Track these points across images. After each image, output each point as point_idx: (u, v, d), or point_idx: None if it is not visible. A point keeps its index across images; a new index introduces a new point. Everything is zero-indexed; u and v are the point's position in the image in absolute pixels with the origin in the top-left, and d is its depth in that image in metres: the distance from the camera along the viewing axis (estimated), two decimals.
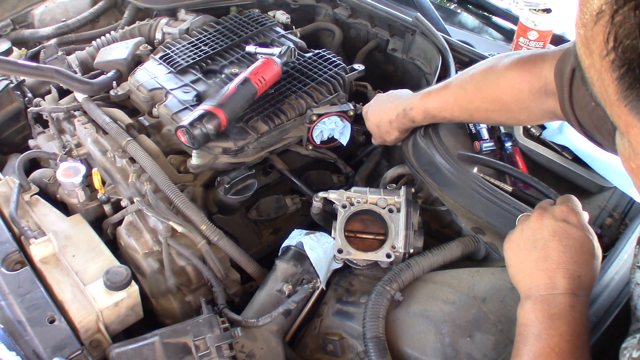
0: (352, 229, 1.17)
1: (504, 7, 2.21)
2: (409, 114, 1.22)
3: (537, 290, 0.86)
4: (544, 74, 0.96)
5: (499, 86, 1.06)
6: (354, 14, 1.84)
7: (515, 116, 1.13)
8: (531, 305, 0.85)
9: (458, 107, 1.15)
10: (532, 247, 0.90)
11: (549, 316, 0.82)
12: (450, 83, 1.17)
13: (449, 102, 1.16)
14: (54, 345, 1.00)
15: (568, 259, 0.86)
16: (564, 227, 0.88)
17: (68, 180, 1.31)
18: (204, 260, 1.24)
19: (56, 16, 1.97)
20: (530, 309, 0.85)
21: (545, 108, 0.99)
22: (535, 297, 0.86)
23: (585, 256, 0.87)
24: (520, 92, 1.02)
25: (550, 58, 0.95)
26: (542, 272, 0.87)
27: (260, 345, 1.11)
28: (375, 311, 1.04)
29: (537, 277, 0.87)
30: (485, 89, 1.09)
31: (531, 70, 0.99)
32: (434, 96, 1.18)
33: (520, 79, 1.01)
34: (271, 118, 1.38)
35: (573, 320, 0.82)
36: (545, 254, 0.87)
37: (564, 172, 1.26)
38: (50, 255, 1.17)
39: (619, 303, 0.93)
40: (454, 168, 1.17)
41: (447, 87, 1.17)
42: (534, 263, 0.88)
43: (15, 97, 1.69)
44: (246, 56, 1.57)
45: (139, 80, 1.51)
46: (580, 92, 0.85)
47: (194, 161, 1.31)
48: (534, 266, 0.88)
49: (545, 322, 0.82)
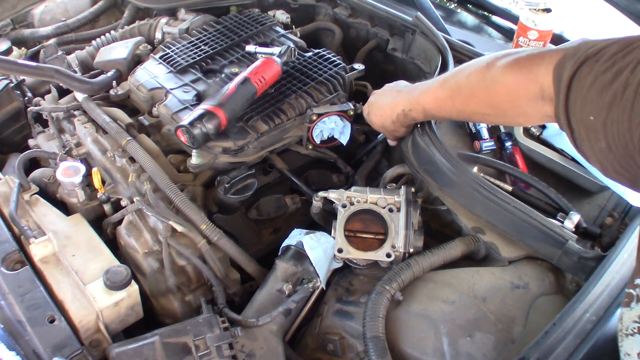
0: (352, 228, 1.17)
1: (504, 7, 2.21)
2: (409, 114, 1.22)
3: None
4: (540, 79, 0.93)
5: (495, 92, 1.03)
6: (354, 13, 1.84)
7: (513, 120, 1.13)
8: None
9: (455, 110, 1.14)
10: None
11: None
12: (447, 83, 1.15)
13: (447, 104, 1.15)
14: (54, 345, 1.00)
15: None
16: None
17: (68, 180, 1.31)
18: (204, 259, 1.24)
19: (56, 16, 1.97)
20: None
21: (543, 113, 0.96)
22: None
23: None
24: (517, 98, 1.00)
25: (546, 61, 0.92)
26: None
27: (260, 345, 1.11)
28: (375, 311, 1.04)
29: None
30: (482, 93, 1.06)
31: (527, 75, 0.96)
32: (432, 97, 1.17)
33: (516, 85, 0.99)
34: (271, 117, 1.38)
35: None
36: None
37: (564, 172, 1.26)
38: (50, 254, 1.17)
39: (619, 303, 0.93)
40: (454, 167, 1.17)
41: (443, 87, 1.15)
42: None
43: (15, 96, 1.69)
44: (246, 56, 1.57)
45: (139, 79, 1.51)
46: (578, 103, 0.82)
47: (193, 161, 1.31)
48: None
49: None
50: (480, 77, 1.06)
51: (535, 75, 0.94)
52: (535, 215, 1.08)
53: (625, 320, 0.77)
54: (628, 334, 0.76)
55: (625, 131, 0.73)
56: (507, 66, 1.01)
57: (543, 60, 0.93)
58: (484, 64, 1.06)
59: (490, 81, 1.04)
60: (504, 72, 1.01)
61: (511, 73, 1.00)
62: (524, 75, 0.97)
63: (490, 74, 1.04)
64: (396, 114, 1.24)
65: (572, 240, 1.04)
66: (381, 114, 1.30)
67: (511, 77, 1.00)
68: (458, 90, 1.11)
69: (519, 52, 1.01)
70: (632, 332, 0.76)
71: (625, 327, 0.77)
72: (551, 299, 1.06)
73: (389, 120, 1.28)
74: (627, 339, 0.77)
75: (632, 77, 0.73)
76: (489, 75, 1.04)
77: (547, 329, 0.92)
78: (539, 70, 0.93)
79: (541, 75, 0.92)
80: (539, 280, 1.08)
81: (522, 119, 1.08)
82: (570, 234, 1.06)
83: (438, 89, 1.16)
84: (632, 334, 0.76)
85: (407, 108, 1.22)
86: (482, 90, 1.06)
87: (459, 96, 1.11)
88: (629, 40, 0.78)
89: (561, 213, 1.12)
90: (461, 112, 1.15)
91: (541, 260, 1.11)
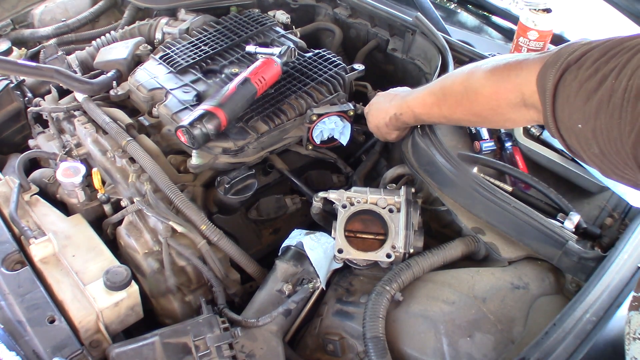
0: (352, 229, 1.17)
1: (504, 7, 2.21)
2: (400, 118, 1.25)
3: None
4: (520, 88, 0.92)
5: (477, 102, 1.04)
6: (354, 13, 1.84)
7: (500, 124, 1.16)
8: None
9: (443, 116, 1.16)
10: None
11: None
12: (433, 90, 1.16)
13: (434, 111, 1.17)
14: (54, 345, 1.00)
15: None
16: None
17: (68, 180, 1.31)
18: (204, 260, 1.24)
19: (56, 16, 1.97)
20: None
21: (529, 118, 0.96)
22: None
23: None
24: (497, 107, 1.00)
25: (525, 70, 0.91)
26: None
27: (260, 345, 1.11)
28: (375, 311, 1.04)
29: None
30: (465, 102, 1.07)
31: (505, 85, 0.96)
32: (420, 103, 1.19)
33: (496, 95, 0.99)
34: (271, 118, 1.38)
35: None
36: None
37: (564, 172, 1.26)
38: (50, 255, 1.17)
39: (619, 303, 0.94)
40: (454, 168, 1.17)
41: (431, 95, 1.16)
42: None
43: (15, 97, 1.69)
44: (246, 56, 1.57)
45: (139, 80, 1.51)
46: (565, 112, 0.82)
47: (194, 161, 1.31)
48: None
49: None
50: (462, 87, 1.07)
51: (514, 85, 0.93)
52: (535, 216, 1.08)
53: (633, 323, 0.77)
54: (636, 338, 0.76)
55: (616, 139, 0.73)
56: (484, 76, 1.01)
57: (521, 69, 0.92)
58: (465, 73, 1.07)
59: (471, 92, 1.04)
60: (482, 83, 1.01)
61: (489, 83, 1.00)
62: (502, 85, 0.97)
63: (471, 84, 1.04)
64: (389, 117, 1.27)
65: (572, 241, 1.04)
66: (376, 115, 1.33)
67: (489, 88, 1.00)
68: (444, 97, 1.13)
69: (497, 60, 1.00)
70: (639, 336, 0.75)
71: (633, 331, 0.76)
72: (551, 299, 1.06)
73: (382, 122, 1.30)
74: (634, 342, 0.76)
75: (616, 83, 0.73)
76: (470, 84, 1.05)
77: (547, 329, 0.92)
78: (516, 79, 0.93)
79: (520, 84, 0.92)
80: (539, 281, 1.08)
81: (508, 123, 1.11)
82: (570, 235, 1.06)
83: (426, 95, 1.17)
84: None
85: (398, 112, 1.24)
86: (465, 100, 1.07)
87: (445, 104, 1.13)
88: (610, 45, 0.78)
89: (561, 213, 1.12)
90: (449, 119, 1.17)
91: (541, 260, 1.11)
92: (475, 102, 1.04)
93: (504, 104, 0.98)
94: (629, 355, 0.78)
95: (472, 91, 1.04)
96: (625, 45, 0.75)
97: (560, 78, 0.82)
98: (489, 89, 1.00)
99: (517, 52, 1.64)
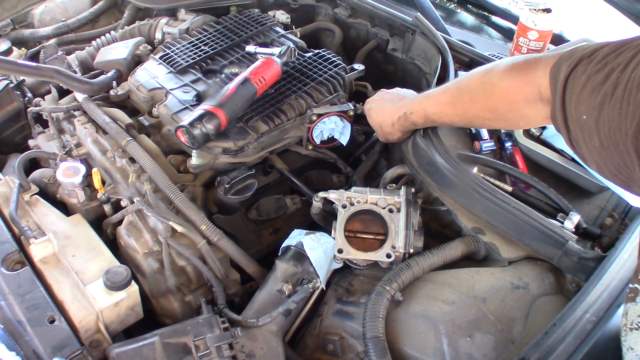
0: (352, 229, 1.17)
1: (504, 7, 2.21)
2: (409, 117, 1.23)
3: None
4: (538, 82, 0.94)
5: (494, 96, 1.04)
6: (354, 13, 1.84)
7: (514, 123, 1.14)
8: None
9: (456, 115, 1.16)
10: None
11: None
12: (448, 89, 1.17)
13: (448, 110, 1.16)
14: (54, 345, 1.00)
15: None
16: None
17: (68, 180, 1.31)
18: (204, 260, 1.24)
19: (56, 16, 1.97)
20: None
21: (544, 115, 0.96)
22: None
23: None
24: (515, 102, 1.01)
25: (543, 64, 0.93)
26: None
27: (260, 345, 1.11)
28: (375, 311, 1.04)
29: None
30: (481, 99, 1.08)
31: (524, 78, 0.97)
32: (434, 102, 1.19)
33: (513, 89, 1.00)
34: (271, 118, 1.38)
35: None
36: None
37: (564, 172, 1.26)
38: (50, 255, 1.17)
39: (619, 303, 0.94)
40: (454, 168, 1.17)
41: (445, 93, 1.17)
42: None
43: (15, 97, 1.69)
44: (246, 56, 1.57)
45: (139, 80, 1.51)
46: (573, 103, 0.83)
47: (194, 161, 1.31)
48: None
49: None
50: (479, 83, 1.08)
51: (532, 78, 0.95)
52: (535, 216, 1.08)
53: (630, 314, 0.77)
54: (632, 328, 0.76)
55: (616, 129, 0.74)
56: (504, 71, 1.02)
57: (540, 63, 0.94)
58: (483, 70, 1.09)
59: (489, 85, 1.05)
60: (501, 77, 1.02)
61: (509, 77, 1.01)
62: (521, 79, 0.98)
63: (488, 79, 1.06)
64: (397, 117, 1.26)
65: (572, 241, 1.04)
66: (382, 113, 1.31)
67: (508, 81, 1.01)
68: (459, 94, 1.13)
69: (516, 58, 1.02)
70: (637, 326, 0.76)
71: (630, 322, 0.77)
72: (551, 299, 1.06)
73: (388, 121, 1.29)
74: (631, 333, 0.77)
75: (621, 76, 0.74)
76: (488, 80, 1.06)
77: (547, 329, 0.92)
78: (535, 73, 0.94)
79: (538, 77, 0.93)
80: (539, 281, 1.08)
81: (523, 122, 1.09)
82: (570, 235, 1.06)
83: (440, 93, 1.18)
84: (637, 328, 0.76)
85: (408, 111, 1.23)
86: (481, 95, 1.07)
87: (460, 101, 1.13)
88: (623, 42, 0.80)
89: (561, 213, 1.12)
90: (462, 117, 1.16)
91: (541, 260, 1.11)
92: (492, 95, 1.05)
93: (521, 98, 0.99)
94: (625, 346, 0.78)
95: (490, 84, 1.05)
96: (635, 43, 0.77)
97: (572, 71, 0.84)
98: (507, 82, 1.01)
99: (517, 52, 1.64)
